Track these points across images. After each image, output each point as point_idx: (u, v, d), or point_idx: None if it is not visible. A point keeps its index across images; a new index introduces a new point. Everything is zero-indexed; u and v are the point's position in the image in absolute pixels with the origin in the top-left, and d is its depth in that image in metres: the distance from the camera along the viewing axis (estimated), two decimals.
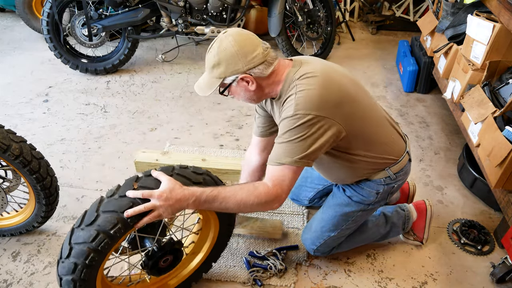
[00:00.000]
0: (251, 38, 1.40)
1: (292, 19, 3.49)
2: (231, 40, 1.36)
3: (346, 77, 1.50)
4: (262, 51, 1.38)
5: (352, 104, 1.44)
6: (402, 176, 1.66)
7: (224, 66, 1.37)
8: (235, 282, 1.80)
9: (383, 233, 1.89)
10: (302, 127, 1.34)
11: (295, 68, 1.44)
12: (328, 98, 1.37)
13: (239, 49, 1.36)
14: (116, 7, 3.16)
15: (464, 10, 2.54)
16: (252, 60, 1.37)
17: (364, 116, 1.49)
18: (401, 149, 1.64)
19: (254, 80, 1.40)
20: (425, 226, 1.95)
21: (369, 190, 1.66)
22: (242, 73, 1.38)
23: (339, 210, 1.73)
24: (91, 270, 1.28)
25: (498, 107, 1.99)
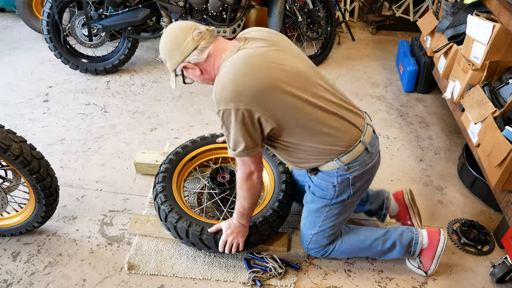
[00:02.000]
0: (182, 28, 1.48)
1: (292, 19, 3.49)
2: (164, 37, 1.52)
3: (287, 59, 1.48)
4: (192, 38, 1.46)
5: (275, 93, 1.42)
6: (357, 167, 1.57)
7: (168, 61, 1.53)
8: (235, 282, 1.80)
9: (384, 249, 1.79)
10: (230, 121, 1.43)
11: (231, 52, 1.47)
12: (246, 87, 1.39)
13: (171, 43, 1.49)
14: (116, 7, 3.16)
15: (464, 10, 2.54)
16: (185, 49, 1.47)
17: (293, 106, 1.45)
18: (351, 139, 1.55)
19: (195, 66, 1.51)
20: (434, 257, 1.79)
21: (325, 184, 1.63)
22: (181, 62, 1.51)
23: (309, 207, 1.75)
24: None
25: (498, 107, 1.99)
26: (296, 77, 1.47)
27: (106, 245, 1.96)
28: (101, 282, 1.79)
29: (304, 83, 1.48)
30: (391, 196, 2.01)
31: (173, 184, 1.95)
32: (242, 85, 1.39)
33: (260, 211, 1.84)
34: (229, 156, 2.20)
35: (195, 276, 1.82)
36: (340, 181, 1.60)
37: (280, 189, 1.94)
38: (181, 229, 1.76)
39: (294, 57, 1.52)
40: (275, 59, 1.46)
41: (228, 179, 2.04)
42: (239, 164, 1.58)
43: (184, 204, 1.90)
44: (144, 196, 2.24)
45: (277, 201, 1.87)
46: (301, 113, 1.47)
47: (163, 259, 1.88)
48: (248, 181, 1.59)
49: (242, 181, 1.60)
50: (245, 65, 1.41)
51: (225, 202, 2.04)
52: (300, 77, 1.48)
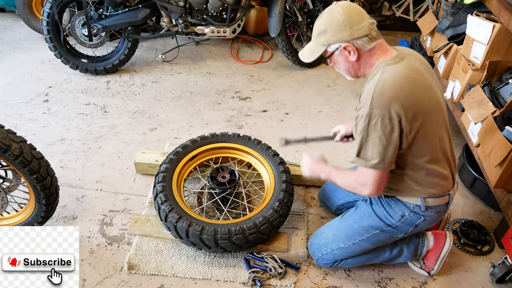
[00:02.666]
0: (359, 10, 1.43)
1: (292, 19, 3.49)
2: (340, 9, 1.41)
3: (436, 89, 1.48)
4: (367, 25, 1.41)
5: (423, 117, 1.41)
6: (433, 213, 1.59)
7: (329, 34, 1.43)
8: (235, 282, 1.80)
9: (391, 256, 1.79)
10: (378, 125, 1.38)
11: (394, 59, 1.43)
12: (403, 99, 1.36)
13: (347, 18, 1.40)
14: (116, 7, 3.16)
15: (464, 10, 2.54)
16: (357, 30, 1.40)
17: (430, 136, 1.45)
18: (445, 189, 1.57)
19: (356, 51, 1.44)
20: (438, 258, 1.81)
21: (395, 209, 1.61)
22: (346, 41, 1.42)
23: (358, 220, 1.69)
24: None
25: (498, 107, 1.99)
26: (440, 110, 1.48)
27: (106, 245, 1.96)
28: (101, 282, 1.79)
29: (443, 119, 1.50)
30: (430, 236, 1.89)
31: (173, 184, 1.95)
32: (402, 95, 1.37)
33: (260, 211, 1.84)
34: (229, 156, 2.21)
35: (195, 276, 1.82)
36: (411, 215, 1.60)
37: (280, 188, 1.94)
38: (181, 228, 1.76)
39: (437, 87, 1.51)
40: (429, 83, 1.45)
41: (228, 179, 2.04)
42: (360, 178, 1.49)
43: (184, 204, 1.90)
44: (144, 196, 2.24)
45: (277, 201, 1.87)
46: (433, 143, 1.47)
47: (163, 259, 1.88)
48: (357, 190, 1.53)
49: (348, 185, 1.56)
50: (407, 79, 1.39)
51: (225, 201, 2.04)
52: (442, 111, 1.50)
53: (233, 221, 1.81)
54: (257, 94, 3.20)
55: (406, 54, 1.47)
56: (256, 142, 2.19)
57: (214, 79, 3.39)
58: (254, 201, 2.18)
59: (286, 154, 2.50)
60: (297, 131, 2.79)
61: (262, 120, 2.91)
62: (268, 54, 3.79)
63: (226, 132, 2.24)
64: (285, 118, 2.94)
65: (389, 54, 1.46)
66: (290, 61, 3.53)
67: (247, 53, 3.82)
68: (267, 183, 2.07)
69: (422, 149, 1.47)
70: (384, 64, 1.43)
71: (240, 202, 2.10)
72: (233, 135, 2.23)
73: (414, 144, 1.44)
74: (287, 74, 3.51)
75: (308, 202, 2.23)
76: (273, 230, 1.84)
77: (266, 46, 3.91)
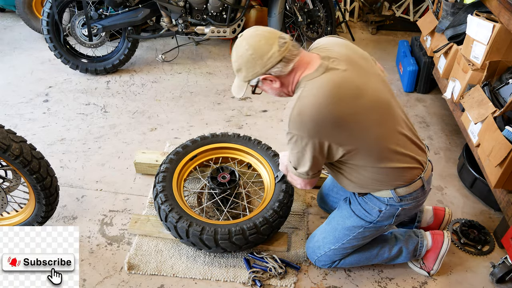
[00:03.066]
0: (266, 37, 1.38)
1: (292, 19, 3.49)
2: (245, 44, 1.39)
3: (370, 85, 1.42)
4: (277, 50, 1.37)
5: (353, 126, 1.39)
6: (410, 201, 1.57)
7: (245, 71, 1.43)
8: (235, 282, 1.80)
9: (390, 256, 1.79)
10: (296, 144, 1.41)
11: (317, 71, 1.38)
12: (323, 120, 1.35)
13: (253, 52, 1.38)
14: (116, 7, 3.16)
15: (464, 10, 2.54)
16: (269, 60, 1.38)
17: (369, 140, 1.42)
18: (413, 174, 1.53)
19: (276, 79, 1.43)
20: (437, 258, 1.81)
21: (371, 206, 1.61)
22: (261, 74, 1.42)
23: (341, 222, 1.70)
24: None
25: (498, 107, 1.99)
26: (377, 109, 1.42)
27: (106, 245, 1.96)
28: (101, 282, 1.79)
29: (384, 115, 1.44)
30: (429, 208, 1.97)
31: (173, 184, 1.95)
32: (321, 117, 1.34)
33: (260, 211, 1.84)
34: (229, 156, 2.21)
35: (195, 276, 1.82)
36: (387, 209, 1.59)
37: (280, 189, 1.94)
38: (181, 229, 1.76)
39: (376, 81, 1.46)
40: (359, 86, 1.39)
41: (228, 179, 2.04)
42: (289, 174, 1.63)
43: (184, 204, 1.90)
44: (144, 196, 2.24)
45: (277, 202, 1.87)
46: (374, 148, 1.44)
47: (163, 259, 1.88)
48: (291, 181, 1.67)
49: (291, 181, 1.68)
50: (328, 96, 1.34)
51: (225, 202, 2.04)
52: (380, 108, 1.44)
53: (233, 221, 1.81)
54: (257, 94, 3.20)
55: (331, 60, 1.40)
56: (256, 143, 2.19)
57: (214, 79, 3.39)
58: (254, 202, 2.18)
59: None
60: None
61: (262, 120, 2.91)
62: None
63: (226, 132, 2.24)
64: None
65: (312, 67, 1.40)
66: None
67: None
68: (267, 183, 2.07)
69: (363, 155, 1.45)
70: (305, 80, 1.39)
71: (240, 202, 2.10)
72: (233, 135, 2.23)
73: (353, 153, 1.43)
74: None
75: (308, 202, 2.23)
76: (273, 230, 1.84)
77: None
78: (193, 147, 2.15)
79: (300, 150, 1.42)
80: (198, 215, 1.84)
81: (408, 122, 1.54)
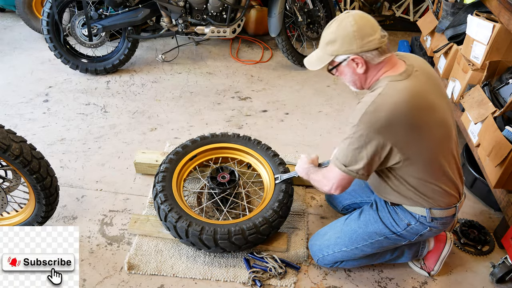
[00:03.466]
0: (371, 22, 1.38)
1: (292, 19, 3.49)
2: (351, 20, 1.37)
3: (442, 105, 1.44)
4: (378, 37, 1.37)
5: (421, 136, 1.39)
6: (439, 224, 1.58)
7: (339, 44, 1.39)
8: (235, 282, 1.80)
9: (392, 257, 1.80)
10: (359, 139, 1.38)
11: (401, 75, 1.39)
12: (396, 123, 1.34)
13: (358, 29, 1.36)
14: (116, 7, 3.16)
15: (464, 10, 2.54)
16: (368, 43, 1.36)
17: (428, 154, 1.43)
18: (451, 202, 1.55)
19: (364, 64, 1.41)
20: (438, 259, 1.82)
21: (401, 217, 1.60)
22: (354, 53, 1.39)
23: (363, 226, 1.68)
24: None
25: (498, 107, 1.99)
26: (442, 127, 1.44)
27: (106, 245, 1.96)
28: (101, 282, 1.79)
29: (445, 135, 1.46)
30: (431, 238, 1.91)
31: (173, 183, 1.95)
32: (395, 119, 1.34)
33: (260, 211, 1.84)
34: (229, 156, 2.21)
35: (195, 276, 1.82)
36: (416, 225, 1.58)
37: (280, 189, 1.94)
38: (181, 228, 1.76)
39: (446, 105, 1.47)
40: (433, 102, 1.41)
41: (228, 179, 2.04)
42: (327, 173, 1.55)
43: (184, 203, 1.90)
44: (144, 196, 2.24)
45: (277, 201, 1.87)
46: (428, 162, 1.44)
47: (163, 259, 1.88)
48: (320, 184, 1.61)
49: (315, 183, 1.64)
50: (407, 102, 1.34)
51: (225, 202, 2.04)
52: (445, 127, 1.45)
53: (232, 221, 1.81)
54: (257, 94, 3.20)
55: (415, 70, 1.42)
56: (256, 143, 2.19)
57: (214, 79, 3.39)
58: (253, 202, 2.18)
59: (286, 154, 2.50)
60: (297, 131, 2.79)
61: (262, 120, 2.91)
62: (268, 54, 3.79)
63: (226, 132, 2.24)
64: (285, 118, 2.94)
65: (397, 69, 1.41)
66: (290, 61, 3.53)
67: (247, 53, 3.82)
68: (266, 183, 2.07)
69: (418, 170, 1.45)
70: (388, 80, 1.39)
71: (240, 202, 2.10)
72: (233, 135, 2.22)
73: (409, 165, 1.43)
74: (287, 74, 3.51)
75: (308, 202, 2.23)
76: (272, 230, 1.84)
77: (266, 46, 3.91)
78: (193, 147, 2.15)
79: (360, 146, 1.38)
80: (197, 215, 1.84)
81: (458, 151, 1.56)
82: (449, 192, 1.53)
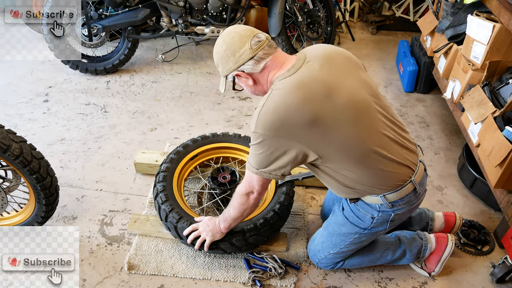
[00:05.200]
0: (241, 35, 1.41)
1: (292, 19, 3.49)
2: (221, 41, 1.45)
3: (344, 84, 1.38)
4: (249, 48, 1.40)
5: (321, 129, 1.35)
6: (402, 205, 1.53)
7: (221, 66, 1.48)
8: (235, 282, 1.80)
9: (394, 258, 1.79)
10: (262, 145, 1.39)
11: (288, 71, 1.39)
12: (291, 120, 1.32)
13: (227, 48, 1.42)
14: (116, 7, 3.16)
15: (464, 10, 2.54)
16: (240, 57, 1.41)
17: (340, 144, 1.38)
18: (401, 179, 1.48)
19: (249, 76, 1.46)
20: (439, 260, 1.81)
21: (364, 213, 1.58)
22: (234, 70, 1.46)
23: (336, 228, 1.68)
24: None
25: (498, 107, 1.99)
26: (351, 109, 1.37)
27: (106, 245, 1.96)
28: (101, 282, 1.79)
29: (359, 116, 1.39)
30: (440, 215, 1.93)
31: (174, 183, 1.95)
32: (289, 117, 1.32)
33: (261, 213, 1.84)
34: (230, 156, 2.21)
35: (195, 276, 1.82)
36: (380, 215, 1.56)
37: (281, 191, 1.94)
38: (182, 229, 1.76)
39: (352, 81, 1.42)
40: (331, 86, 1.36)
41: (229, 179, 2.04)
42: (246, 177, 1.53)
43: (184, 204, 1.90)
44: (144, 196, 2.24)
45: (278, 203, 1.87)
46: (350, 148, 1.39)
47: (163, 259, 1.88)
48: (244, 197, 1.56)
49: (239, 194, 1.58)
50: (296, 97, 1.32)
51: (226, 202, 2.04)
52: (355, 108, 1.38)
53: None
54: None
55: (306, 61, 1.40)
56: None
57: (214, 79, 3.39)
58: None
59: None
60: None
61: None
62: None
63: (227, 132, 2.24)
64: None
65: (285, 66, 1.41)
66: None
67: None
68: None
69: (340, 156, 1.41)
70: (277, 80, 1.39)
71: None
72: (234, 135, 2.22)
73: (327, 155, 1.40)
74: None
75: (308, 202, 2.23)
76: (273, 232, 1.84)
77: None
78: (193, 146, 2.15)
79: (264, 150, 1.39)
80: (198, 215, 1.83)
81: (395, 123, 1.49)
82: (396, 171, 1.46)
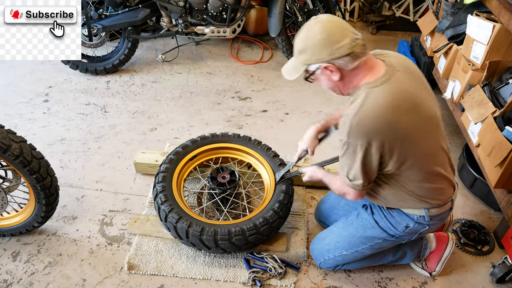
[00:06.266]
0: (341, 27, 1.32)
1: (292, 19, 3.49)
2: (320, 27, 1.32)
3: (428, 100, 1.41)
4: (349, 42, 1.31)
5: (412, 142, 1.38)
6: (437, 221, 1.58)
7: (309, 53, 1.36)
8: (235, 282, 1.80)
9: (394, 258, 1.81)
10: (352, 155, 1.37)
11: (381, 79, 1.35)
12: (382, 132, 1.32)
13: (326, 37, 1.31)
14: (116, 7, 3.16)
15: (464, 10, 2.54)
16: (338, 50, 1.31)
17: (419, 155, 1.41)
18: (448, 196, 1.55)
19: (338, 71, 1.36)
20: (440, 260, 1.82)
21: (398, 220, 1.59)
22: (325, 62, 1.34)
23: (360, 231, 1.68)
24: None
25: (498, 107, 1.99)
26: (430, 125, 1.41)
27: (106, 245, 1.96)
28: (101, 282, 1.79)
29: (434, 132, 1.43)
30: (432, 239, 1.91)
31: (173, 184, 1.95)
32: (381, 128, 1.32)
33: (260, 212, 1.84)
34: (229, 156, 2.21)
35: (195, 276, 1.82)
36: (415, 226, 1.58)
37: (280, 190, 1.94)
38: (181, 229, 1.76)
39: (431, 98, 1.44)
40: (417, 101, 1.37)
41: (228, 179, 2.04)
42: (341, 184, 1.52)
43: (184, 204, 1.90)
44: (144, 196, 2.24)
45: (277, 202, 1.87)
46: (423, 162, 1.43)
47: (163, 259, 1.88)
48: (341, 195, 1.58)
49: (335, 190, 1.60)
50: (390, 108, 1.31)
51: (225, 202, 2.04)
52: (432, 124, 1.42)
53: (233, 221, 1.81)
54: (257, 94, 3.20)
55: (396, 69, 1.37)
56: (256, 143, 2.19)
57: (214, 79, 3.39)
58: (254, 202, 2.18)
59: (286, 155, 2.50)
60: (297, 131, 2.79)
61: (262, 120, 2.91)
62: (268, 54, 3.79)
63: (227, 133, 2.24)
64: (285, 118, 2.94)
65: (375, 73, 1.37)
66: None
67: (247, 53, 3.82)
68: (267, 184, 2.07)
69: (412, 171, 1.44)
70: (367, 87, 1.35)
71: (240, 202, 2.10)
72: (233, 135, 2.22)
73: (403, 167, 1.42)
74: None
75: (308, 202, 2.23)
76: (273, 231, 1.84)
77: (266, 46, 3.91)
78: (193, 147, 2.15)
79: (358, 160, 1.38)
80: (198, 215, 1.84)
81: (446, 140, 1.54)
82: (445, 188, 1.53)
